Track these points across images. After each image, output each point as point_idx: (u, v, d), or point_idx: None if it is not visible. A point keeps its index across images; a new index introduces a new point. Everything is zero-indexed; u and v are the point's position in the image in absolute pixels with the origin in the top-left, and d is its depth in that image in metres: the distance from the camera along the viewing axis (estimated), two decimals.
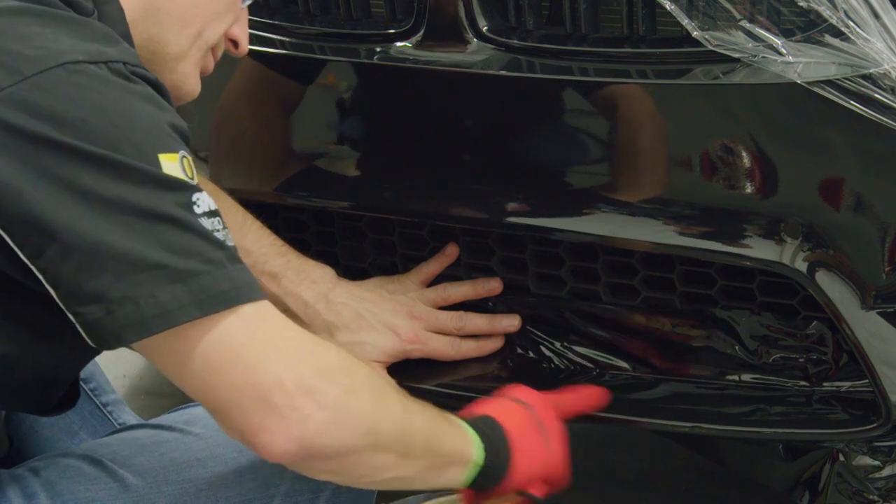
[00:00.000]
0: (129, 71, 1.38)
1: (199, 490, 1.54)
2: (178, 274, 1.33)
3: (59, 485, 1.52)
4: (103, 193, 1.32)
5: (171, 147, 1.37)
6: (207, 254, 1.35)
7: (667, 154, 1.76)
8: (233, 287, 1.36)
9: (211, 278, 1.34)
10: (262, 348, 1.37)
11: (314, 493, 1.58)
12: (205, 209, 1.37)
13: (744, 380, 1.90)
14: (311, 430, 1.38)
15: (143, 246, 1.32)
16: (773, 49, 1.63)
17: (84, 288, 1.32)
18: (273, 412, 1.37)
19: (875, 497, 1.85)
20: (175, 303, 1.33)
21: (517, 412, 1.66)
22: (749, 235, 1.74)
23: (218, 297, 1.34)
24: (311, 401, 1.38)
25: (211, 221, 1.37)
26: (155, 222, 1.33)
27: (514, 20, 1.84)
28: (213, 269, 1.35)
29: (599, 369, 1.98)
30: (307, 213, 2.12)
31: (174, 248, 1.33)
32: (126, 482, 1.53)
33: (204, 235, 1.35)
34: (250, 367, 1.36)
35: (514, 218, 1.86)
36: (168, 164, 1.35)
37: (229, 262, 1.37)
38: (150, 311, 1.32)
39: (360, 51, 1.92)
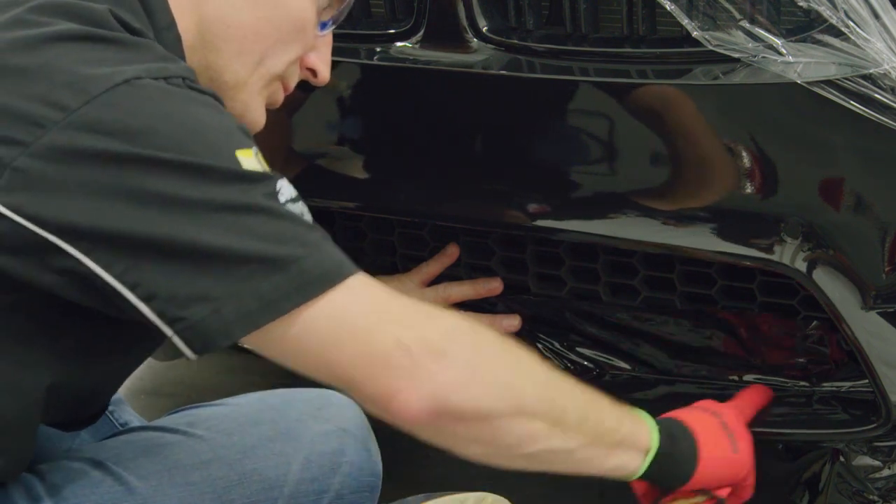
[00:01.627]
0: (187, 85, 1.38)
1: (203, 493, 1.55)
2: (278, 262, 1.33)
3: (63, 488, 1.52)
4: (188, 196, 1.32)
5: (245, 143, 1.37)
6: (302, 237, 1.35)
7: (667, 154, 1.76)
8: (333, 265, 1.36)
9: (311, 261, 1.34)
10: (377, 316, 1.37)
11: (317, 495, 1.58)
12: (289, 196, 1.37)
13: (744, 380, 1.90)
14: (443, 386, 1.37)
15: (238, 240, 1.32)
16: (773, 49, 1.63)
17: (185, 291, 1.32)
18: (401, 374, 1.36)
19: (875, 497, 1.85)
20: (278, 292, 1.33)
21: (702, 415, 1.65)
22: (749, 235, 1.74)
23: (320, 279, 1.34)
24: (438, 359, 1.37)
25: (297, 206, 1.38)
26: (245, 215, 1.33)
27: (514, 20, 1.84)
28: (311, 251, 1.35)
29: (599, 369, 1.98)
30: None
31: (269, 237, 1.33)
32: (130, 485, 1.53)
33: (296, 220, 1.36)
34: (369, 336, 1.36)
35: (515, 218, 1.86)
36: (245, 159, 1.36)
37: (323, 242, 1.37)
38: (255, 303, 1.32)
39: (360, 51, 1.92)
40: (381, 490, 1.64)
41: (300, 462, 1.57)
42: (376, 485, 1.63)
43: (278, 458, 1.57)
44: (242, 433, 1.59)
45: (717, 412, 1.68)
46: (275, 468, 1.56)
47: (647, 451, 1.56)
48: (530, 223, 1.86)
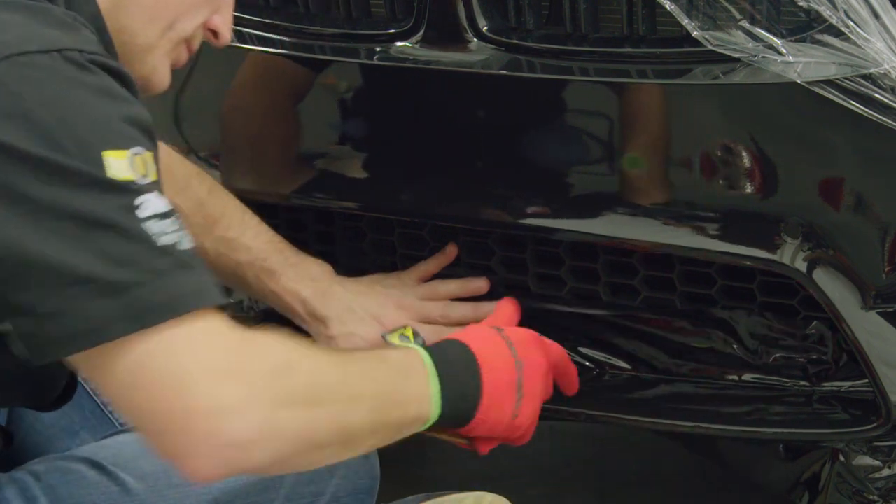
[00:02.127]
0: (85, 59, 1.32)
1: (200, 494, 1.54)
2: (110, 286, 1.26)
3: (60, 489, 1.52)
4: (38, 198, 1.25)
5: (121, 143, 1.29)
6: (146, 263, 1.28)
7: (667, 154, 1.76)
8: (169, 299, 1.28)
9: (146, 290, 1.27)
10: (190, 369, 1.29)
11: (314, 496, 1.58)
12: (151, 212, 1.29)
13: (744, 380, 1.90)
14: (239, 452, 1.31)
15: (77, 256, 1.25)
16: (773, 49, 1.63)
17: (13, 300, 1.26)
18: (198, 438, 1.29)
19: (875, 497, 1.85)
20: (105, 317, 1.26)
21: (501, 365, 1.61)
22: (749, 235, 1.74)
23: (151, 312, 1.27)
24: (237, 423, 1.30)
25: (160, 224, 1.29)
26: (91, 229, 1.26)
27: (514, 20, 1.84)
28: (151, 279, 1.27)
29: (599, 369, 1.98)
30: (307, 213, 2.12)
31: (110, 257, 1.26)
32: (127, 486, 1.53)
33: (145, 241, 1.28)
34: (175, 392, 1.28)
35: (515, 218, 1.86)
36: (115, 161, 1.28)
37: (172, 270, 1.29)
38: (79, 325, 1.26)
39: (360, 51, 1.92)
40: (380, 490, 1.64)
41: None
42: (373, 487, 1.63)
43: None
44: None
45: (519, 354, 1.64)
46: None
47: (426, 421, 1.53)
48: (530, 223, 1.86)
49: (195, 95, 2.09)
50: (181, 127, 2.10)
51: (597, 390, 1.96)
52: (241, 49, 2.01)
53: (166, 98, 2.09)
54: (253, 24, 2.01)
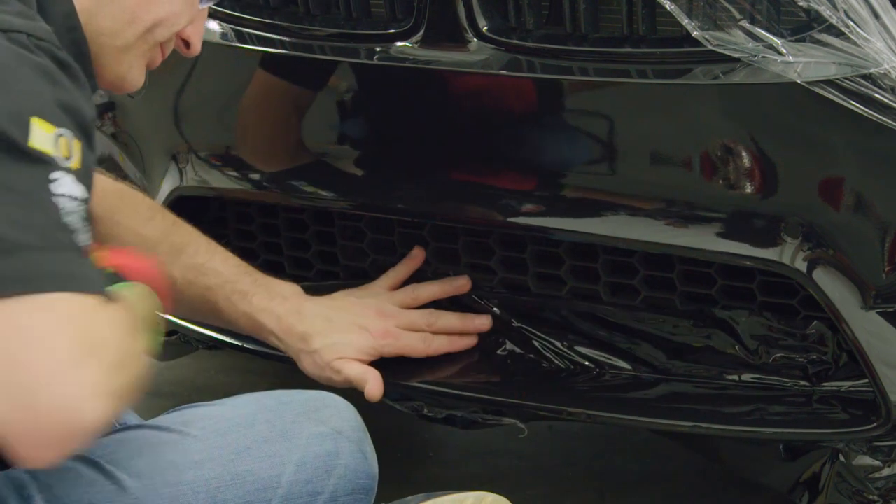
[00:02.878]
0: (32, 43, 1.35)
1: (197, 493, 1.54)
2: (10, 245, 1.27)
3: (55, 487, 1.51)
4: None
5: (51, 119, 1.32)
6: (47, 231, 1.30)
7: (667, 154, 1.77)
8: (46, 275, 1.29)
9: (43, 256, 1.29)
10: (36, 350, 1.28)
11: (312, 496, 1.58)
12: (64, 191, 1.32)
13: (744, 380, 1.90)
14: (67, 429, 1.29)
15: None
16: (773, 49, 1.63)
17: None
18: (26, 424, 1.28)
19: (875, 497, 1.85)
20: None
21: None
22: (749, 235, 1.74)
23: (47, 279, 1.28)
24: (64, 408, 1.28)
25: (69, 204, 1.32)
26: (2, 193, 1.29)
27: (514, 20, 1.84)
28: (49, 248, 1.29)
29: (599, 369, 1.98)
30: (307, 213, 2.12)
31: (14, 220, 1.28)
32: (123, 484, 1.53)
33: (49, 213, 1.31)
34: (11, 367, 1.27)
35: (515, 217, 1.86)
36: (40, 131, 1.31)
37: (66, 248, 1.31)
38: None
39: (360, 51, 1.92)
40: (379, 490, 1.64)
41: (294, 463, 1.57)
42: (371, 487, 1.62)
43: (273, 459, 1.56)
44: (237, 434, 1.58)
45: None
46: (269, 469, 1.55)
47: None
48: (530, 223, 1.86)
49: (195, 95, 2.09)
50: (181, 127, 2.10)
51: (597, 390, 1.96)
52: (242, 49, 2.01)
53: (166, 98, 2.09)
54: (253, 24, 2.01)
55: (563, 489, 2.24)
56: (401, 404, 2.02)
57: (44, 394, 1.28)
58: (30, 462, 1.32)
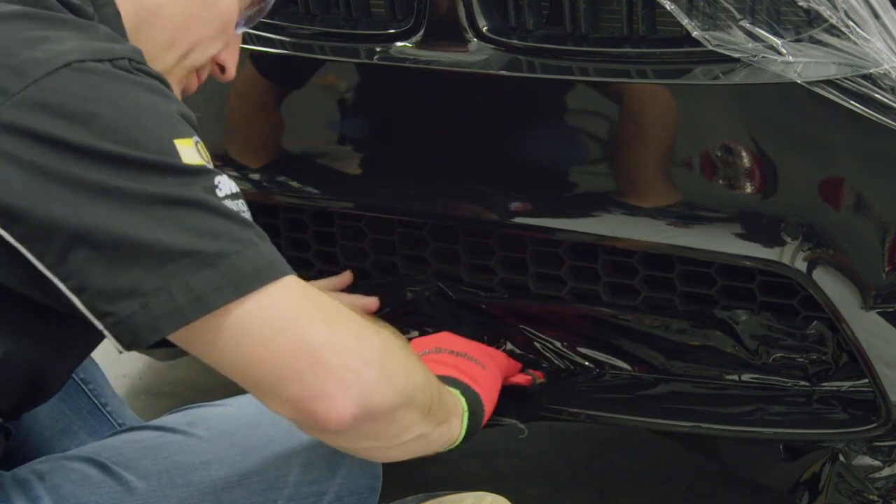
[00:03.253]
0: (133, 67, 1.38)
1: (203, 493, 1.54)
2: (209, 258, 1.33)
3: (63, 488, 1.52)
4: (124, 188, 1.32)
5: (185, 133, 1.37)
6: (236, 234, 1.35)
7: (667, 154, 1.76)
8: (266, 263, 1.36)
9: (243, 258, 1.35)
10: (305, 315, 1.38)
11: (317, 496, 1.58)
12: (227, 192, 1.37)
13: (744, 380, 1.90)
14: (367, 387, 1.39)
15: (171, 235, 1.32)
16: (773, 49, 1.63)
17: (114, 285, 1.32)
18: (329, 374, 1.37)
19: (875, 497, 1.85)
20: (208, 287, 1.33)
21: (461, 362, 1.73)
22: (749, 235, 1.74)
23: (252, 276, 1.35)
24: (360, 360, 1.39)
25: (235, 203, 1.38)
26: (180, 209, 1.33)
27: (514, 20, 1.84)
28: (244, 248, 1.35)
29: (599, 369, 1.98)
30: (307, 213, 2.12)
31: (202, 232, 1.33)
32: (130, 485, 1.53)
33: (231, 216, 1.36)
34: (297, 333, 1.37)
35: (515, 218, 1.86)
36: (185, 149, 1.36)
37: (258, 239, 1.37)
38: (184, 298, 1.32)
39: (360, 51, 1.92)
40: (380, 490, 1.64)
41: (300, 464, 1.57)
42: (375, 486, 1.63)
43: (278, 459, 1.56)
44: (243, 434, 1.59)
45: (464, 352, 1.77)
46: (275, 469, 1.56)
47: (463, 412, 1.62)
48: (530, 223, 1.86)
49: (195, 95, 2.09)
50: None
51: (597, 390, 1.96)
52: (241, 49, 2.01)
53: None
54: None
55: (563, 489, 2.24)
56: None
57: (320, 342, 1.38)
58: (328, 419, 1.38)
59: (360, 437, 1.44)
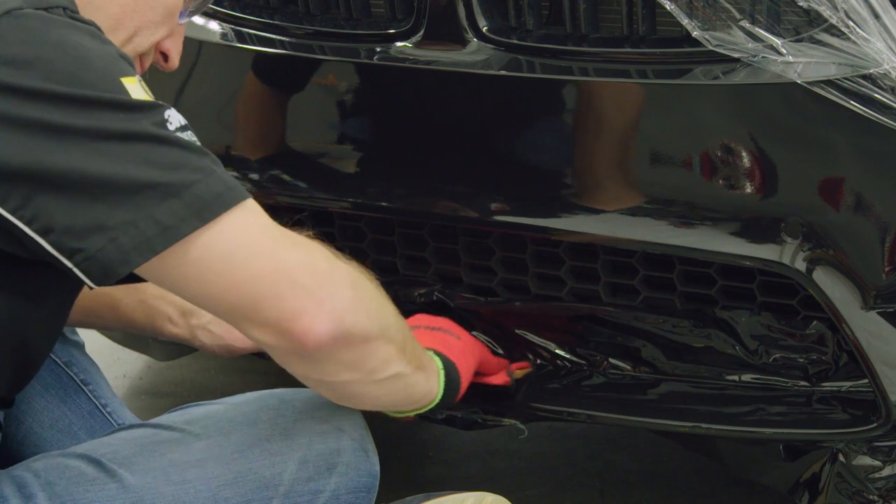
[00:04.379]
0: (68, 15, 1.40)
1: (199, 491, 1.54)
2: (172, 188, 1.35)
3: (57, 485, 1.52)
4: (79, 126, 1.34)
5: (129, 71, 1.40)
6: (194, 163, 1.38)
7: (667, 154, 1.76)
8: (226, 189, 1.38)
9: (204, 186, 1.37)
10: (274, 238, 1.41)
11: (313, 494, 1.58)
12: (178, 124, 1.40)
13: (744, 380, 1.90)
14: (343, 307, 1.41)
15: (130, 168, 1.35)
16: (773, 49, 1.63)
17: (81, 222, 1.34)
18: (305, 294, 1.39)
19: (875, 497, 1.85)
20: (174, 217, 1.35)
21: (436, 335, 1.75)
22: (749, 235, 1.74)
23: (216, 202, 1.37)
24: (334, 280, 1.41)
25: (187, 133, 1.40)
26: (135, 144, 1.35)
27: (514, 20, 1.84)
28: (204, 176, 1.37)
29: (599, 369, 1.98)
30: (307, 213, 2.12)
31: (161, 164, 1.36)
32: (125, 482, 1.53)
33: (186, 146, 1.38)
34: (271, 255, 1.40)
35: (515, 217, 1.86)
36: (131, 86, 1.38)
37: (216, 166, 1.39)
38: (152, 230, 1.35)
39: (360, 51, 1.92)
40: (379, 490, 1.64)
41: (296, 461, 1.57)
42: (373, 485, 1.62)
43: (274, 457, 1.56)
44: (239, 432, 1.59)
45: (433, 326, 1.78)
46: (271, 467, 1.55)
47: (439, 372, 1.64)
48: (530, 223, 1.86)
49: (195, 95, 2.09)
50: None
51: (597, 390, 1.96)
52: (242, 49, 2.01)
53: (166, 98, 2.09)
54: (253, 24, 2.01)
55: (563, 489, 2.24)
56: None
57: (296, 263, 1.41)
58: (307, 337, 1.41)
59: (339, 365, 1.46)
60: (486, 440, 2.35)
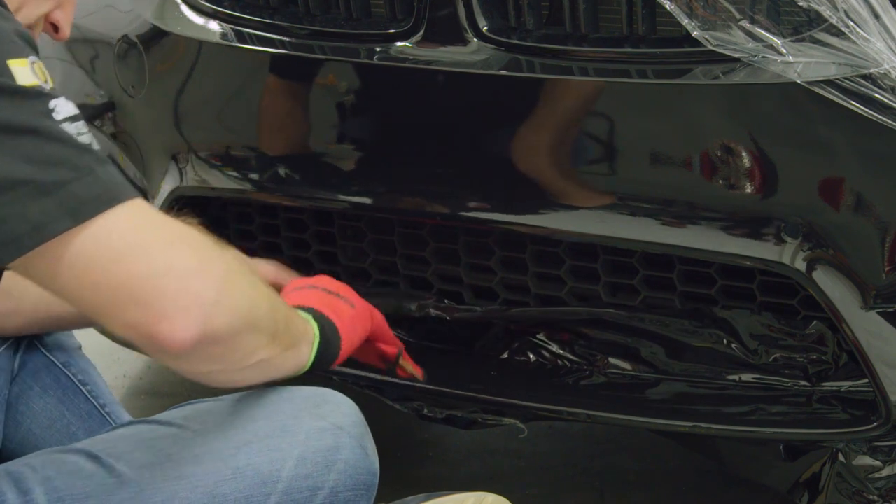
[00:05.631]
0: None
1: (196, 487, 1.54)
2: (46, 186, 1.32)
3: (55, 480, 1.51)
4: None
5: (20, 53, 1.35)
6: (73, 160, 1.34)
7: (667, 154, 1.76)
8: (104, 190, 1.35)
9: (81, 185, 1.34)
10: (145, 240, 1.37)
11: (312, 491, 1.58)
12: (65, 115, 1.36)
13: (744, 380, 1.90)
14: (207, 311, 1.39)
15: (5, 163, 1.31)
16: (773, 49, 1.63)
17: None
18: (169, 297, 1.37)
19: (875, 497, 1.85)
20: (46, 216, 1.32)
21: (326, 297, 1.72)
22: (749, 235, 1.74)
23: (91, 203, 1.34)
24: (201, 282, 1.39)
25: (74, 126, 1.36)
26: (14, 136, 1.32)
27: (514, 20, 1.84)
28: (82, 175, 1.34)
29: (599, 369, 1.98)
30: (307, 213, 2.12)
31: (38, 159, 1.32)
32: (123, 478, 1.53)
33: (67, 142, 1.34)
34: (137, 259, 1.36)
35: (515, 217, 1.86)
36: (19, 69, 1.34)
37: (97, 165, 1.36)
38: (21, 228, 1.32)
39: (360, 51, 1.92)
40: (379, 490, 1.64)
41: (295, 458, 1.56)
42: (372, 483, 1.62)
43: (273, 453, 1.56)
44: (238, 428, 1.58)
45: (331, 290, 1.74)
46: (269, 464, 1.55)
47: (314, 339, 1.61)
48: (530, 223, 1.86)
49: (195, 95, 2.09)
50: (181, 127, 2.10)
51: (597, 390, 1.96)
52: (241, 49, 2.01)
53: (166, 98, 2.09)
54: (253, 24, 2.01)
55: (563, 489, 2.24)
56: (401, 404, 2.02)
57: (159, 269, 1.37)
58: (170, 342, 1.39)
59: (203, 359, 1.44)
60: (486, 440, 2.35)
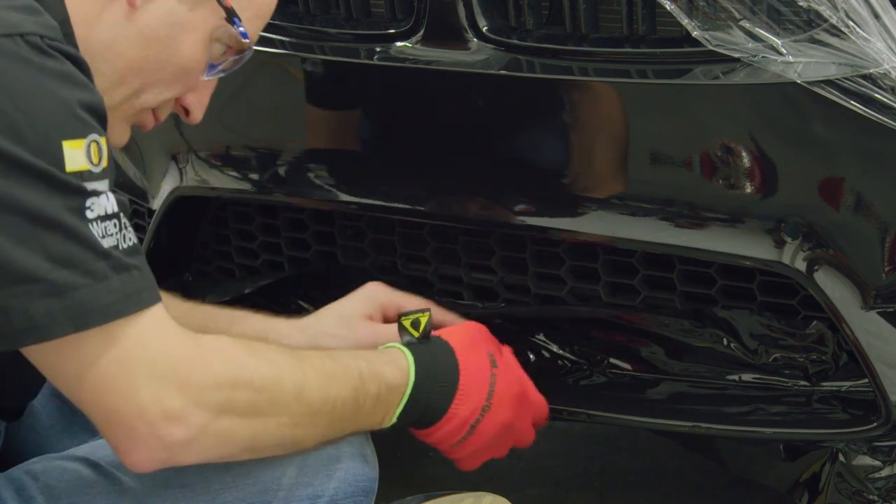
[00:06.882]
0: (46, 45, 1.33)
1: (197, 495, 1.54)
2: (55, 287, 1.30)
3: (56, 489, 1.52)
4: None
5: (79, 132, 1.33)
6: (89, 265, 1.32)
7: (667, 154, 1.76)
8: (113, 301, 1.33)
9: (90, 292, 1.32)
10: (132, 371, 1.36)
11: (312, 499, 1.58)
12: (98, 213, 1.34)
13: (744, 380, 1.90)
14: (175, 452, 1.40)
15: (24, 254, 1.29)
16: (773, 49, 1.63)
17: None
18: (137, 439, 1.38)
19: (875, 497, 1.85)
20: (48, 318, 1.31)
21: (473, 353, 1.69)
22: (749, 235, 1.74)
23: (94, 313, 1.32)
24: (177, 428, 1.39)
25: (104, 226, 1.34)
26: (41, 228, 1.30)
27: (514, 20, 1.84)
28: (94, 281, 1.32)
29: (598, 369, 1.98)
30: (307, 213, 2.12)
31: (56, 257, 1.30)
32: (124, 486, 1.53)
33: (88, 244, 1.32)
34: (117, 393, 1.36)
35: (515, 217, 1.86)
36: (72, 151, 1.31)
37: (114, 272, 1.34)
38: (21, 324, 1.30)
39: (360, 51, 1.92)
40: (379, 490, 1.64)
41: (295, 466, 1.56)
42: (372, 489, 1.62)
43: (273, 461, 1.56)
44: None
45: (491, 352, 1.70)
46: (270, 471, 1.55)
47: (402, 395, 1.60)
48: (530, 223, 1.86)
49: None
50: (181, 127, 2.10)
51: (597, 390, 1.96)
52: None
53: None
54: None
55: (563, 489, 2.24)
56: None
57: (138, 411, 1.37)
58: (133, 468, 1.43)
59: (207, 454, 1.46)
60: None
